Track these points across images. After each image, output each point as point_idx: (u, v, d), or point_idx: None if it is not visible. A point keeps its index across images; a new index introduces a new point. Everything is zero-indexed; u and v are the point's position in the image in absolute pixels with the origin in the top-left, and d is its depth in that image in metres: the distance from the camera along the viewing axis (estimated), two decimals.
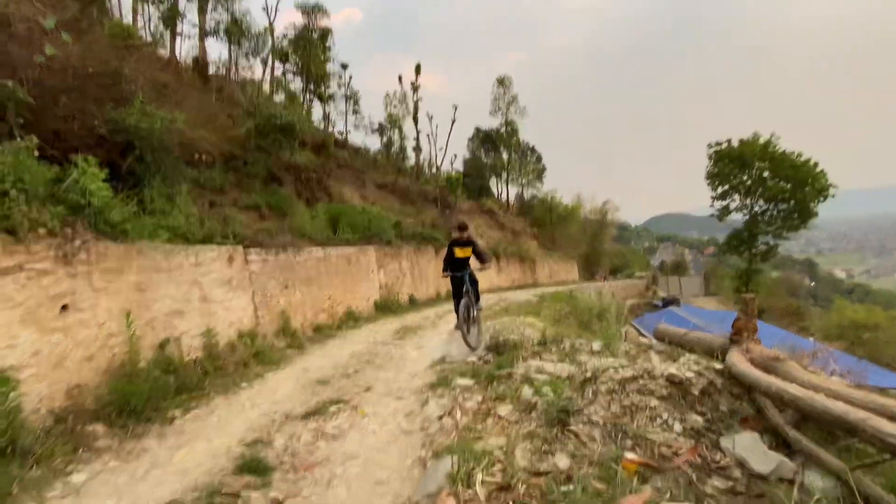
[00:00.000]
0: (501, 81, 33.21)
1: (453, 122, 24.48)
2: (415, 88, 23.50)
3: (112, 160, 5.78)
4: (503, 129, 34.03)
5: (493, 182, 37.04)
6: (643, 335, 10.76)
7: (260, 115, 10.38)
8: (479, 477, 2.49)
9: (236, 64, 18.76)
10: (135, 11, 15.74)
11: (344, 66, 23.88)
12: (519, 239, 28.75)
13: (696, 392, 2.63)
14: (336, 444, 3.54)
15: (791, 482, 1.99)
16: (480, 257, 6.64)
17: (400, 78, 24.95)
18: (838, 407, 1.83)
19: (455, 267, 6.58)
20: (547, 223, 37.41)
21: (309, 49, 19.35)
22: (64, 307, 3.97)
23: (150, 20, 16.06)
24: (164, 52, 14.70)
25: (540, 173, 40.03)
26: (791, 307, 30.01)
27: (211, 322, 6.06)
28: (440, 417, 3.69)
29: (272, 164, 11.03)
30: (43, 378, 3.67)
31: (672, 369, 2.79)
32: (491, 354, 5.59)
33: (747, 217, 30.95)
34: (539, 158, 40.49)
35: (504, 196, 36.55)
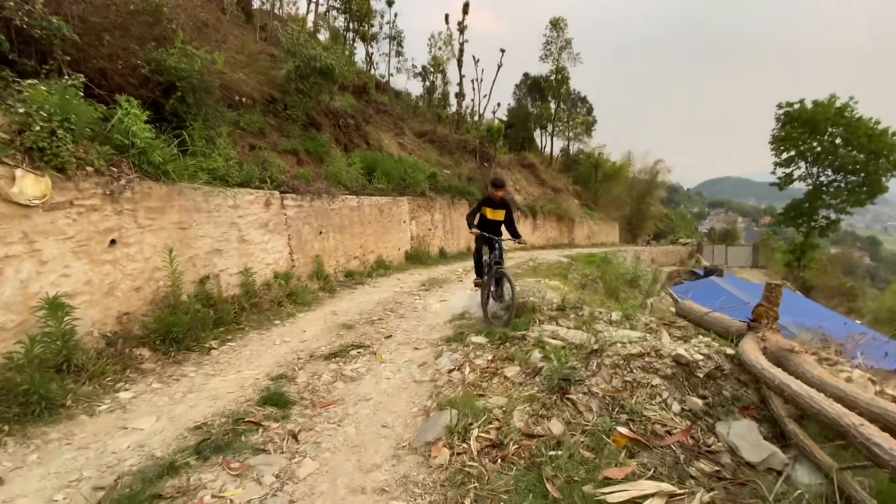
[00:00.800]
0: (555, 24, 30.89)
1: (499, 67, 23.19)
2: (461, 29, 22.27)
3: (156, 100, 5.98)
4: (553, 77, 32.09)
5: (537, 134, 35.62)
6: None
7: (300, 57, 10.25)
8: (475, 433, 2.63)
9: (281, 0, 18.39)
10: None
11: (389, 3, 22.91)
12: (559, 196, 27.91)
13: (700, 375, 2.60)
14: (352, 385, 3.79)
15: (779, 473, 1.99)
16: (513, 228, 5.83)
17: (447, 17, 23.69)
18: (834, 409, 1.77)
19: (486, 229, 5.74)
20: (591, 181, 35.97)
21: None
22: (112, 241, 4.32)
23: None
24: None
25: (589, 126, 37.98)
26: (843, 286, 28.11)
27: (248, 262, 6.42)
28: (450, 371, 3.86)
29: (311, 109, 11.03)
30: (95, 305, 4.08)
31: (681, 350, 2.74)
32: (509, 314, 5.66)
33: (810, 187, 28.48)
34: (590, 110, 38.30)
35: (548, 149, 35.18)
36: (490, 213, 5.74)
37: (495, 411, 2.86)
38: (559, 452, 2.35)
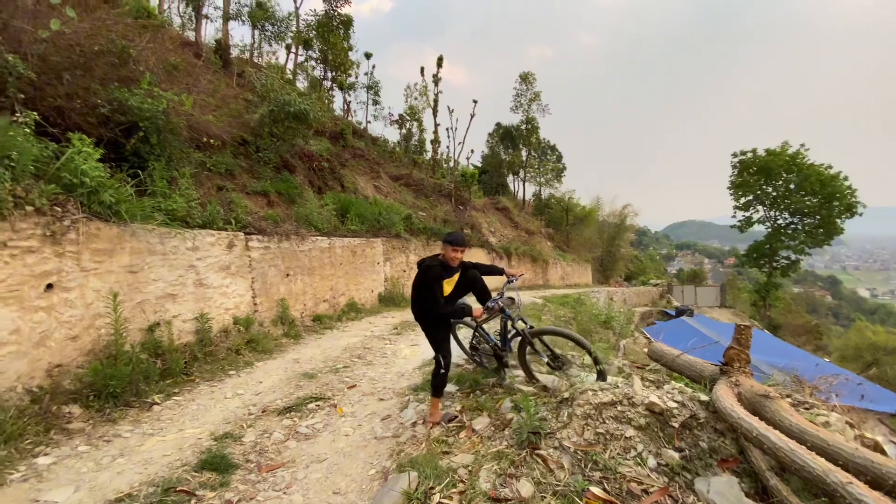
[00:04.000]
0: (525, 78, 32.66)
1: (472, 117, 24.12)
2: (436, 81, 23.25)
3: (116, 140, 5.79)
4: (524, 126, 33.55)
5: (510, 179, 36.66)
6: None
7: (274, 102, 10.33)
8: (436, 498, 2.37)
9: (259, 48, 18.86)
10: None
11: (367, 56, 23.80)
12: (533, 238, 28.39)
13: (676, 424, 2.45)
14: (306, 444, 3.46)
15: None
16: (488, 270, 4.33)
17: (422, 70, 24.73)
18: (819, 464, 1.64)
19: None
20: (563, 224, 36.89)
21: (329, 36, 19.30)
22: (49, 286, 3.97)
23: (175, 1, 16.24)
24: (189, 35, 14.83)
25: (559, 172, 39.43)
26: (809, 325, 29.03)
27: (205, 307, 6.05)
28: (415, 424, 3.58)
29: (285, 152, 11.01)
30: (22, 356, 3.68)
31: (654, 397, 2.60)
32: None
33: (769, 229, 29.95)
34: (559, 157, 39.89)
35: (521, 194, 36.14)
36: (447, 286, 3.89)
37: (460, 471, 2.61)
38: None
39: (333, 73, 21.09)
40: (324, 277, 9.37)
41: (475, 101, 24.09)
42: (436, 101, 23.36)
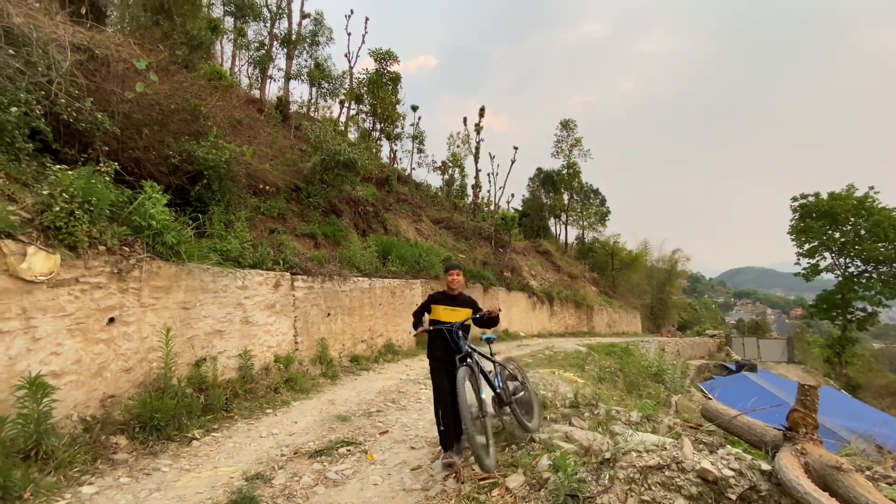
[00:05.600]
0: (566, 124, 33.15)
1: (513, 162, 24.55)
2: (478, 129, 24.09)
3: (182, 187, 6.36)
4: (565, 171, 33.65)
5: (552, 222, 36.41)
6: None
7: (326, 151, 11.05)
8: None
9: (315, 103, 20.50)
10: (234, 57, 17.90)
11: (414, 108, 25.26)
12: (576, 283, 27.62)
13: (732, 496, 2.19)
14: (334, 491, 3.38)
15: None
16: (484, 321, 3.98)
17: (465, 120, 25.79)
18: None
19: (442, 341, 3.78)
20: (608, 269, 35.75)
21: (379, 92, 20.67)
22: (111, 320, 4.28)
23: (245, 65, 18.16)
24: (255, 93, 16.41)
25: (603, 216, 38.76)
26: (893, 385, 25.71)
27: (249, 344, 6.26)
28: (446, 478, 3.42)
29: (334, 197, 11.63)
30: (81, 386, 3.93)
31: (706, 463, 2.35)
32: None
33: (840, 278, 27.48)
34: (603, 201, 39.36)
35: (563, 237, 35.69)
36: (446, 313, 3.88)
37: None
38: None
39: (382, 125, 22.41)
40: (363, 318, 9.50)
41: (516, 148, 24.61)
42: (477, 148, 24.09)
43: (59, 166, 4.13)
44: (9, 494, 2.86)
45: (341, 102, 20.62)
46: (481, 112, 24.15)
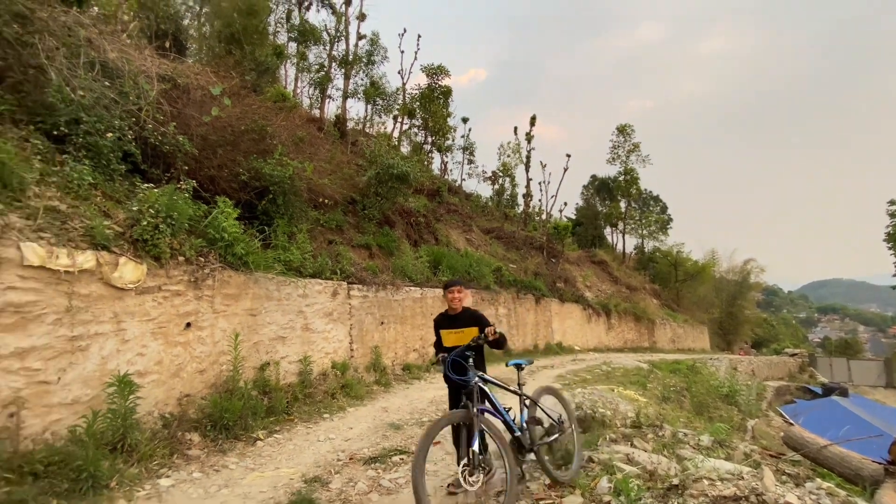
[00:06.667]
0: (622, 130, 31.93)
1: (565, 170, 24.01)
2: (529, 139, 23.87)
3: (251, 201, 6.83)
4: (622, 178, 32.32)
5: (607, 231, 35.01)
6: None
7: (380, 165, 11.43)
8: None
9: (371, 119, 21.33)
10: (296, 79, 19.08)
11: (464, 120, 25.53)
12: (635, 295, 26.25)
13: None
14: (388, 499, 3.41)
15: None
16: (489, 343, 3.39)
17: (515, 130, 25.66)
18: None
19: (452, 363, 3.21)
20: (671, 280, 33.71)
21: (430, 106, 21.13)
22: (188, 324, 4.65)
23: (307, 86, 19.31)
24: (315, 112, 17.38)
25: (664, 224, 36.70)
26: None
27: (309, 350, 6.54)
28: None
29: (387, 209, 11.98)
30: (161, 385, 4.28)
31: (791, 497, 2.11)
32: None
33: None
34: (664, 208, 37.36)
35: (620, 247, 34.16)
36: (450, 336, 3.48)
37: None
38: None
39: (433, 138, 22.85)
40: (415, 327, 9.61)
41: (568, 155, 24.06)
42: (528, 157, 23.82)
43: (146, 185, 4.59)
44: (98, 483, 3.15)
45: (394, 118, 21.28)
46: (532, 121, 23.93)
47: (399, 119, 21.63)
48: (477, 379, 3.14)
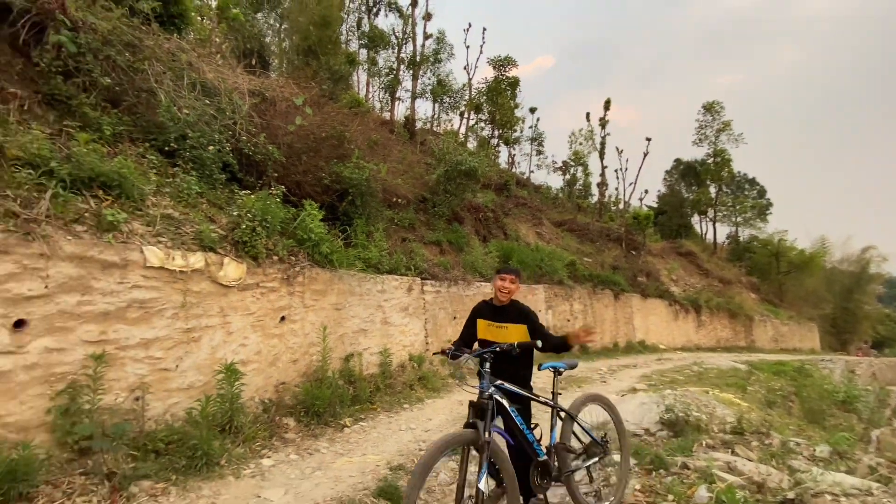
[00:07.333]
0: (710, 108, 29.12)
1: (645, 155, 22.47)
2: (603, 124, 22.71)
3: (332, 203, 7.25)
4: (711, 160, 29.52)
5: (695, 220, 32.24)
6: None
7: (448, 163, 11.55)
8: None
9: (438, 118, 21.62)
10: (367, 84, 19.89)
11: (532, 110, 24.91)
12: (729, 289, 23.87)
13: None
14: None
15: None
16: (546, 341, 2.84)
17: (588, 115, 24.51)
18: None
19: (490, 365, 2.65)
20: (772, 272, 30.19)
21: (497, 98, 20.89)
22: (282, 318, 5.05)
23: (377, 90, 20.05)
24: (386, 115, 18.03)
25: (762, 210, 32.96)
26: None
27: (388, 343, 6.81)
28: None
29: (456, 205, 12.08)
30: (261, 373, 4.70)
31: None
32: (665, 431, 4.69)
33: None
34: (762, 192, 33.58)
35: (710, 236, 31.29)
36: (489, 329, 2.97)
37: None
38: None
39: (500, 131, 22.59)
40: None
41: (648, 139, 22.52)
42: (602, 143, 22.67)
43: (243, 192, 5.05)
44: (210, 461, 3.54)
45: (461, 114, 21.36)
46: (606, 105, 22.71)
47: (465, 115, 21.66)
48: (493, 389, 2.57)
